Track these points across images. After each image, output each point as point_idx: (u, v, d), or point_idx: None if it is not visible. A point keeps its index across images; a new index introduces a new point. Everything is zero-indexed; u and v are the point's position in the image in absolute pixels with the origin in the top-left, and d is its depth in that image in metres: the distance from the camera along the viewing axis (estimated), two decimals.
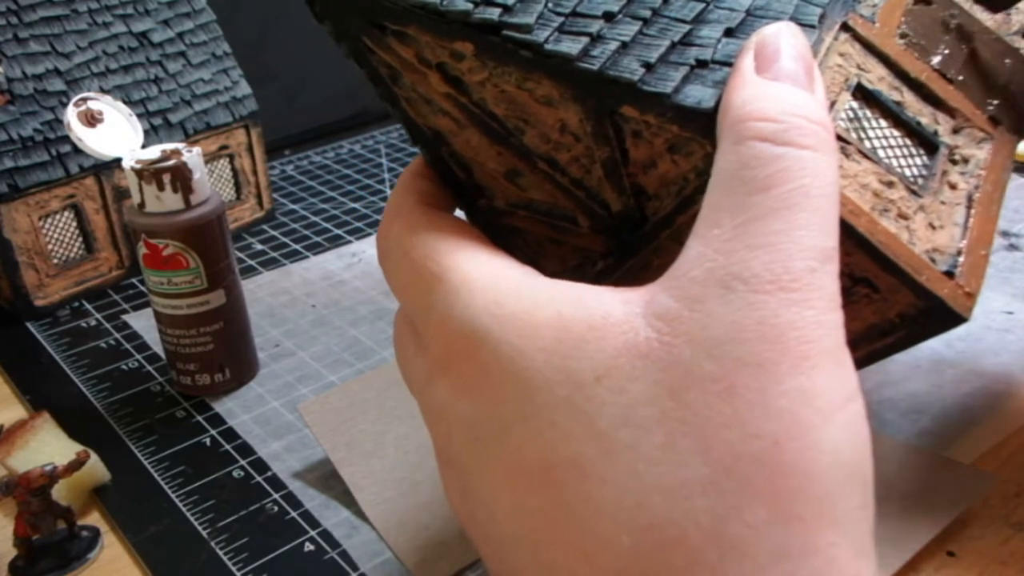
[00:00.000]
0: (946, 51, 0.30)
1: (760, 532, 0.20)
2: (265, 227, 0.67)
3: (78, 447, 0.41)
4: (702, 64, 0.25)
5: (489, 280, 0.25)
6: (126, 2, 0.60)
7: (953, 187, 0.28)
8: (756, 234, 0.22)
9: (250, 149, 0.65)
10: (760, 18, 0.26)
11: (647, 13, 0.27)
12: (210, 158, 0.63)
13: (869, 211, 0.25)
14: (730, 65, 0.25)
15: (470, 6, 0.26)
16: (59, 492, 0.38)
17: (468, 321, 0.24)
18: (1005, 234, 0.58)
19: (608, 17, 0.26)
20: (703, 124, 0.24)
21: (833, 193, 0.23)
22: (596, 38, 0.26)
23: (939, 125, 0.29)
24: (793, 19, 0.26)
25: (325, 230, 0.67)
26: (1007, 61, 0.31)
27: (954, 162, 0.28)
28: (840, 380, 0.21)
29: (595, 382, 0.22)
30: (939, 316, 0.26)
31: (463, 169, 0.30)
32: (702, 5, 0.27)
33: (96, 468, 0.41)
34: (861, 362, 0.28)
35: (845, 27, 0.28)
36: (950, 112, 0.29)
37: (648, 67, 0.25)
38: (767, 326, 0.21)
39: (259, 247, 0.65)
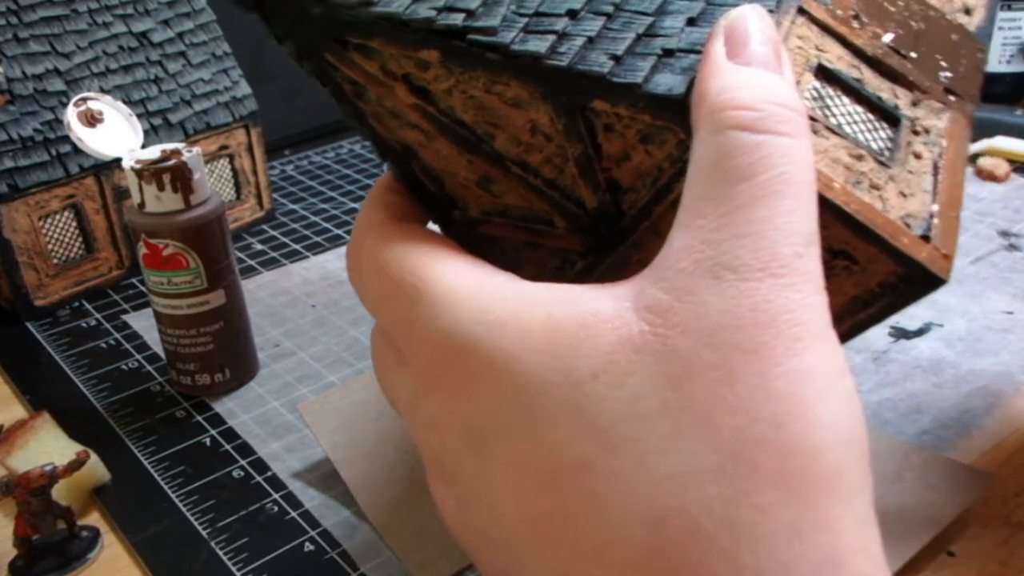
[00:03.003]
0: (898, 30, 0.31)
1: (770, 514, 0.20)
2: (265, 227, 0.67)
3: (78, 447, 0.41)
4: (669, 53, 0.25)
5: (472, 288, 0.25)
6: (126, 2, 0.60)
7: (918, 156, 0.29)
8: (742, 222, 0.22)
9: (250, 149, 0.65)
10: (719, 6, 0.26)
11: (609, 8, 0.27)
12: (210, 158, 0.63)
13: (843, 183, 0.26)
14: (696, 52, 0.25)
15: (433, 13, 0.26)
16: (59, 492, 0.38)
17: (456, 331, 0.24)
18: (1005, 234, 0.58)
19: (572, 15, 0.27)
20: (675, 111, 0.25)
21: (812, 178, 0.23)
22: (562, 35, 0.26)
23: (899, 99, 0.30)
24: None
25: (325, 230, 0.67)
26: (953, 37, 0.32)
27: (916, 133, 0.29)
28: (831, 358, 0.22)
29: (592, 379, 0.22)
30: (919, 281, 0.26)
31: (434, 181, 0.30)
32: None
33: (96, 468, 0.41)
34: (846, 335, 0.29)
35: (801, 11, 0.29)
36: (908, 86, 0.30)
37: (616, 59, 0.25)
38: (759, 312, 0.21)
39: (259, 247, 0.65)
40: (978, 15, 0.34)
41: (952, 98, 0.31)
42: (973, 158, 0.67)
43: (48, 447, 0.42)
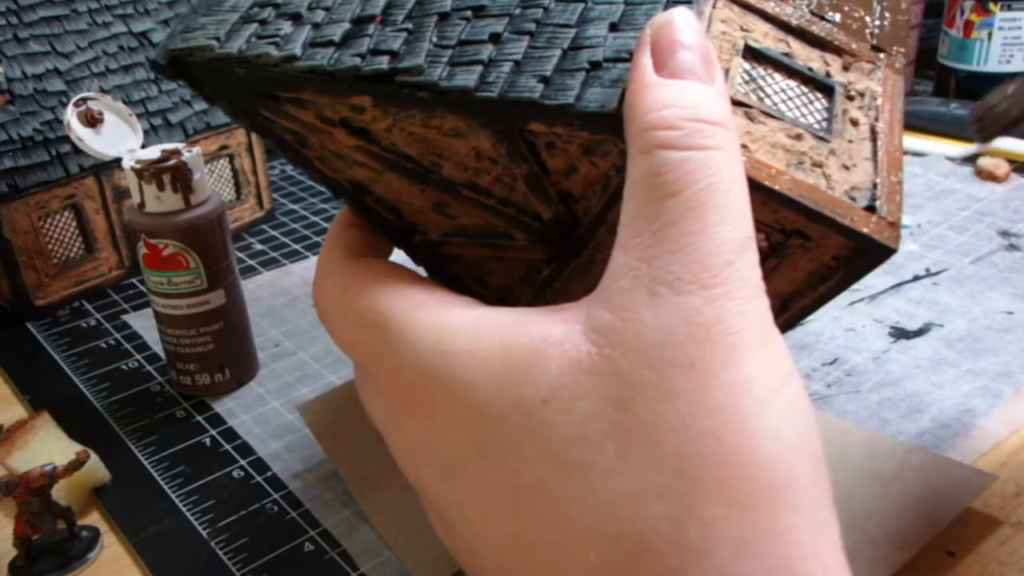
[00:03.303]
0: None
1: (718, 528, 0.20)
2: (265, 227, 0.67)
3: (78, 447, 0.41)
4: (596, 65, 0.25)
5: (431, 320, 0.25)
6: (126, 2, 0.60)
7: (855, 123, 0.29)
8: (673, 237, 0.22)
9: (250, 149, 0.65)
10: (639, 4, 0.26)
11: (532, 26, 0.27)
12: (210, 158, 0.63)
13: (785, 168, 0.26)
14: (624, 61, 0.25)
15: (358, 60, 0.26)
16: (59, 492, 0.38)
17: (418, 364, 0.25)
18: (1005, 234, 0.58)
19: (495, 39, 0.26)
20: (611, 124, 0.25)
21: (741, 186, 0.23)
22: (489, 64, 0.26)
23: (829, 66, 0.30)
24: (669, 1, 0.26)
25: (325, 230, 0.67)
26: None
27: (851, 98, 0.29)
28: (772, 364, 0.22)
29: (543, 405, 0.22)
30: (870, 252, 0.26)
31: (391, 211, 0.31)
32: (582, 5, 0.27)
33: (96, 468, 0.41)
34: (810, 308, 0.29)
35: None
36: (836, 51, 0.30)
37: (545, 81, 0.25)
38: (694, 325, 0.21)
39: (259, 247, 0.65)
40: None
41: (881, 56, 0.31)
42: (973, 158, 0.67)
43: (48, 447, 0.42)
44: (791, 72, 0.29)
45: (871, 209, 0.26)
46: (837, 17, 0.31)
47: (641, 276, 0.22)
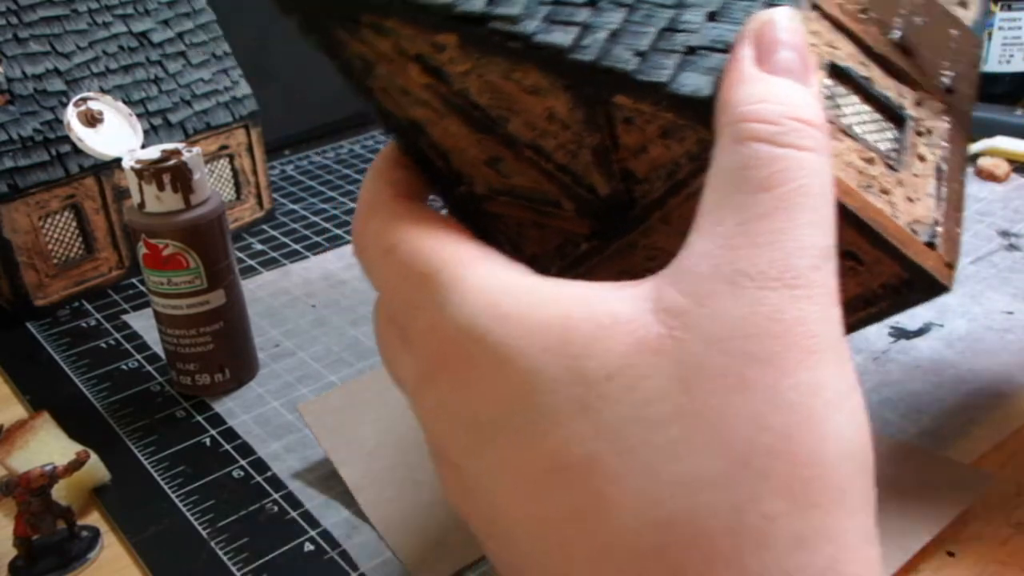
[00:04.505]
0: (903, 25, 0.30)
1: (778, 523, 0.20)
2: (265, 227, 0.67)
3: (78, 447, 0.41)
4: (692, 50, 0.25)
5: (483, 279, 0.25)
6: (126, 2, 0.60)
7: (922, 159, 0.29)
8: (760, 232, 0.22)
9: (250, 149, 0.65)
10: (738, 0, 0.26)
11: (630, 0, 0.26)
12: (210, 158, 0.63)
13: (856, 188, 0.26)
14: (719, 51, 0.25)
15: None
16: (59, 492, 0.38)
17: (463, 322, 0.24)
18: (1005, 234, 0.58)
19: (592, 4, 0.26)
20: (699, 111, 0.24)
21: (830, 192, 0.23)
22: (585, 27, 0.26)
23: (904, 99, 0.30)
24: (768, 1, 0.26)
25: (325, 230, 0.67)
26: (952, 31, 0.32)
27: (920, 134, 0.29)
28: (843, 373, 0.22)
29: (606, 380, 0.22)
30: (922, 287, 0.27)
31: (441, 157, 0.30)
32: None
33: (96, 468, 0.41)
34: (846, 330, 0.29)
35: (814, 5, 0.28)
36: (912, 85, 0.30)
37: (641, 56, 0.25)
38: (774, 321, 0.21)
39: (259, 247, 0.65)
40: (973, 7, 0.34)
41: (952, 98, 0.31)
42: (973, 158, 0.67)
43: (48, 447, 0.42)
44: (868, 97, 0.28)
45: (931, 245, 0.26)
46: (919, 52, 0.31)
47: (722, 265, 0.22)
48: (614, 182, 0.28)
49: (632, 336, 0.22)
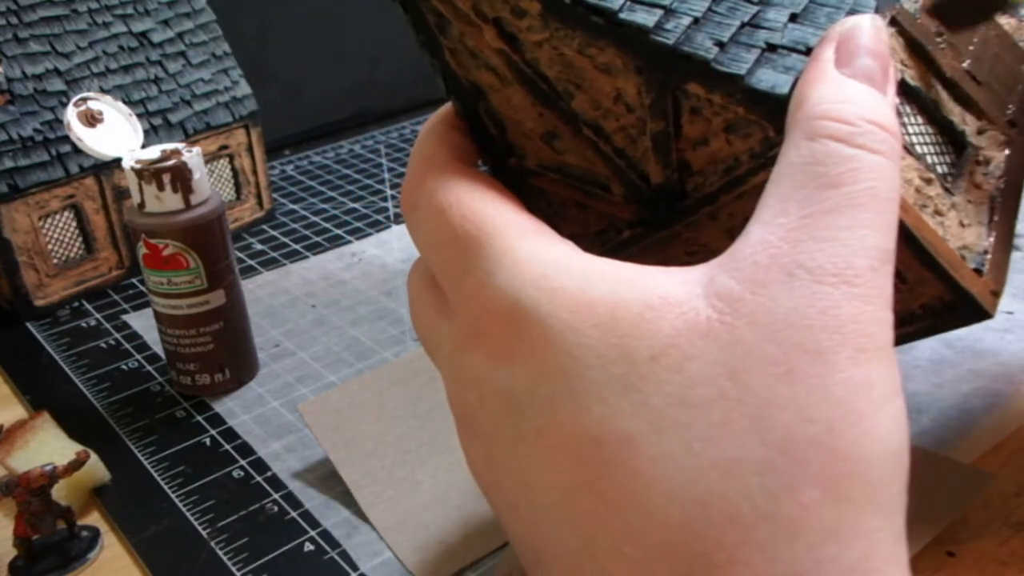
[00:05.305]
0: (975, 53, 0.31)
1: (813, 512, 0.21)
2: (265, 227, 0.68)
3: (78, 447, 0.41)
4: (772, 48, 0.25)
5: (534, 251, 0.25)
6: (126, 2, 0.60)
7: (978, 187, 0.29)
8: (823, 227, 0.22)
9: (250, 149, 0.65)
10: (822, 5, 0.26)
11: None
12: (210, 158, 0.63)
13: (913, 206, 0.26)
14: (798, 52, 0.25)
15: None
16: (59, 492, 0.38)
17: (512, 291, 0.24)
18: None
19: None
20: (771, 108, 0.24)
21: (896, 199, 0.23)
22: (669, 11, 0.25)
23: (967, 125, 0.30)
24: (851, 9, 0.26)
25: (325, 230, 0.67)
26: (1022, 68, 0.32)
27: (978, 163, 0.29)
28: (891, 375, 0.22)
29: (651, 360, 0.22)
30: (965, 311, 0.27)
31: (497, 126, 0.30)
32: None
33: (96, 468, 0.41)
34: None
35: (893, 21, 0.28)
36: (977, 113, 0.30)
37: (721, 46, 0.25)
38: (829, 316, 0.21)
39: (259, 247, 0.65)
40: None
41: (1014, 131, 0.31)
42: None
43: (48, 447, 0.42)
44: (933, 119, 0.29)
45: (978, 272, 0.27)
46: (986, 82, 0.31)
47: (781, 256, 0.22)
48: (669, 171, 0.27)
49: (681, 318, 0.22)
